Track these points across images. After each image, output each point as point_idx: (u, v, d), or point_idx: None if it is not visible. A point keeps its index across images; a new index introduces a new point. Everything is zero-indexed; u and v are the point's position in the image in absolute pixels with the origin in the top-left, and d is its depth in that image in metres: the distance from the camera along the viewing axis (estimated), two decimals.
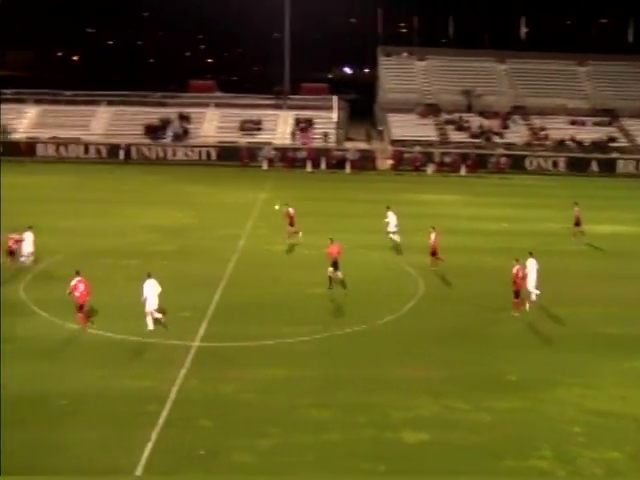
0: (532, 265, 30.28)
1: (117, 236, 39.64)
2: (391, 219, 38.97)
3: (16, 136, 70.46)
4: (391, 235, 38.86)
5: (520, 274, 29.40)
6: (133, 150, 68.04)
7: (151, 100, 76.04)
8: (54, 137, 69.70)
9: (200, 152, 68.03)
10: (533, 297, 30.32)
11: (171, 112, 72.77)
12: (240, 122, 71.73)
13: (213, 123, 72.53)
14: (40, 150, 68.79)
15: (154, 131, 70.48)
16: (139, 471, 18.36)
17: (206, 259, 36.38)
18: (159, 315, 27.65)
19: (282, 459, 19.15)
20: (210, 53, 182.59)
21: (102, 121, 73.20)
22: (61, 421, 20.76)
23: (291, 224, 38.95)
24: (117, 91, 76.37)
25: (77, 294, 27.24)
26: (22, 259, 34.28)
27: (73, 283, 27.41)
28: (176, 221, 44.12)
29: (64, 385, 22.81)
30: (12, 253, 34.02)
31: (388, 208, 39.49)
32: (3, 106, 74.29)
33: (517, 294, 29.54)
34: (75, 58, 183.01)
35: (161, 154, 68.21)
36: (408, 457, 19.39)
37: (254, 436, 20.08)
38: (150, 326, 27.44)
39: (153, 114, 72.64)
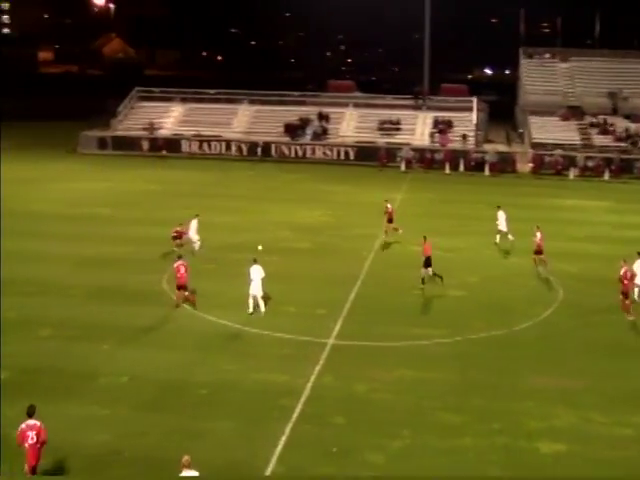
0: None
1: (254, 232, 40.40)
2: (500, 219, 38.69)
3: (162, 132, 73.03)
4: (498, 235, 38.75)
5: (628, 275, 28.74)
6: (272, 148, 69.25)
7: (291, 99, 77.17)
8: (198, 134, 71.80)
9: (338, 151, 68.50)
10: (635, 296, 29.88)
11: (310, 111, 73.59)
12: (378, 122, 71.77)
13: (352, 123, 72.88)
14: (184, 147, 71.02)
15: (293, 130, 71.49)
16: (272, 464, 18.69)
17: (342, 257, 36.60)
18: (262, 303, 28.58)
19: (412, 461, 19.05)
20: (350, 53, 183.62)
21: (243, 119, 74.86)
22: (200, 410, 21.38)
23: (390, 220, 38.99)
24: (258, 90, 77.96)
25: (179, 275, 28.92)
26: (193, 245, 36.47)
27: (175, 265, 29.15)
28: (313, 219, 44.63)
29: (203, 375, 23.51)
30: (178, 238, 36.01)
31: (498, 208, 39.05)
32: (151, 104, 77.42)
33: (625, 295, 28.71)
34: (219, 58, 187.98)
35: (300, 153, 69.13)
36: (542, 467, 18.90)
37: (386, 436, 20.06)
38: (250, 309, 28.50)
39: (293, 113, 73.70)
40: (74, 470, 18.38)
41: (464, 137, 68.52)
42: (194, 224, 36.50)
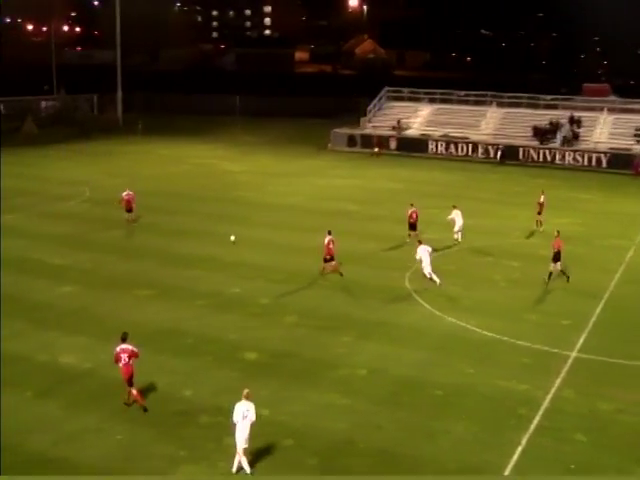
0: None
1: (498, 236, 39.78)
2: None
3: (410, 132, 73.70)
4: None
5: None
6: (520, 152, 67.69)
7: (541, 103, 74.99)
8: (444, 135, 71.72)
9: (590, 158, 65.61)
10: None
11: (562, 115, 71.12)
12: (635, 128, 67.98)
13: (605, 128, 69.59)
14: (431, 147, 71.20)
15: (543, 134, 69.43)
16: (507, 472, 18.28)
17: (589, 268, 35.04)
18: (436, 279, 31.22)
19: None
20: (605, 56, 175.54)
21: (491, 122, 73.81)
22: (436, 410, 21.36)
23: (539, 212, 40.64)
24: (507, 92, 76.50)
25: (328, 249, 31.92)
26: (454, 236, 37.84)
27: (326, 241, 31.98)
28: (560, 227, 42.93)
29: (441, 375, 23.45)
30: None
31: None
32: (399, 103, 78.33)
33: None
34: (468, 59, 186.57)
35: (549, 157, 67.02)
36: None
37: (630, 462, 18.97)
38: (436, 279, 31.20)
39: (542, 117, 71.58)
40: (309, 453, 19.00)
41: None
42: (457, 214, 37.92)
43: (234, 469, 18.23)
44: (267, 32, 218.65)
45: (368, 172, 60.25)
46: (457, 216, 38.01)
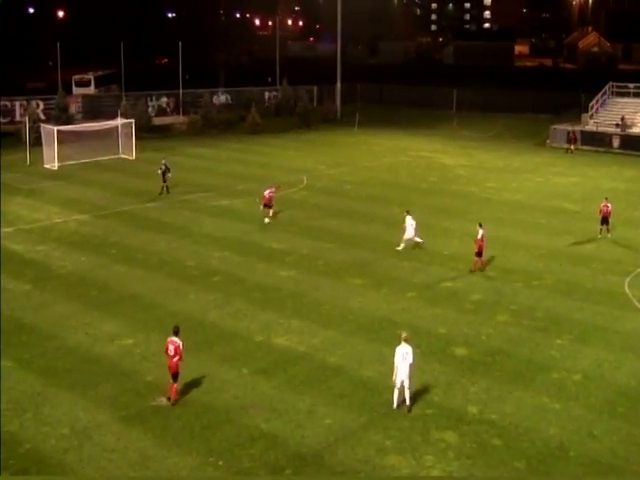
0: None
1: None
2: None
3: (635, 130, 69.99)
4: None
5: None
6: None
7: None
8: None
9: None
10: None
11: None
12: None
13: None
14: None
15: None
16: None
17: None
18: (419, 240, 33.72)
19: None
20: None
21: None
22: None
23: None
24: None
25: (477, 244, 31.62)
26: None
27: (479, 236, 31.60)
28: None
29: None
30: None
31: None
32: (625, 99, 74.51)
33: None
34: None
35: None
36: None
37: None
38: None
39: None
40: (517, 455, 18.61)
41: None
42: None
43: (395, 404, 20.39)
44: (486, 25, 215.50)
45: (589, 170, 57.79)
46: None
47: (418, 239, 35.03)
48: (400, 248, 34.76)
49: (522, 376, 22.82)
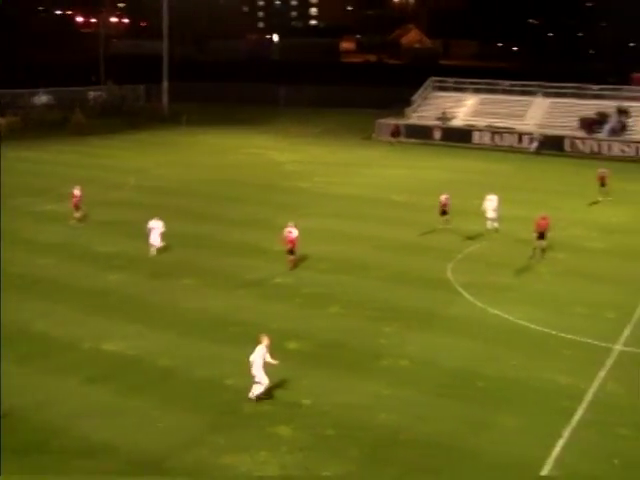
0: None
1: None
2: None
3: (455, 122, 73.14)
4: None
5: None
6: (566, 142, 66.82)
7: (589, 93, 73.75)
8: (490, 125, 71.02)
9: (638, 148, 64.58)
10: None
11: (609, 105, 69.95)
12: None
13: None
14: (475, 138, 70.60)
15: (590, 124, 68.37)
16: (549, 465, 18.10)
17: (636, 260, 34.51)
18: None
19: None
20: None
21: (537, 112, 72.88)
22: (480, 403, 21.15)
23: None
24: (554, 82, 75.38)
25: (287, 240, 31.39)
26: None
27: (286, 232, 31.23)
28: (608, 218, 42.42)
29: (485, 368, 23.25)
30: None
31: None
32: (445, 94, 77.74)
33: None
34: (515, 49, 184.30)
35: (595, 148, 66.05)
36: None
37: None
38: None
39: (589, 107, 70.48)
40: (351, 443, 19.00)
41: None
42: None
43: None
44: (313, 22, 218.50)
45: (414, 162, 59.96)
46: (490, 201, 37.80)
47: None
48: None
49: (354, 366, 23.28)
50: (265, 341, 20.69)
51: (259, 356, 20.48)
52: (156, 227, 33.16)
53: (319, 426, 19.73)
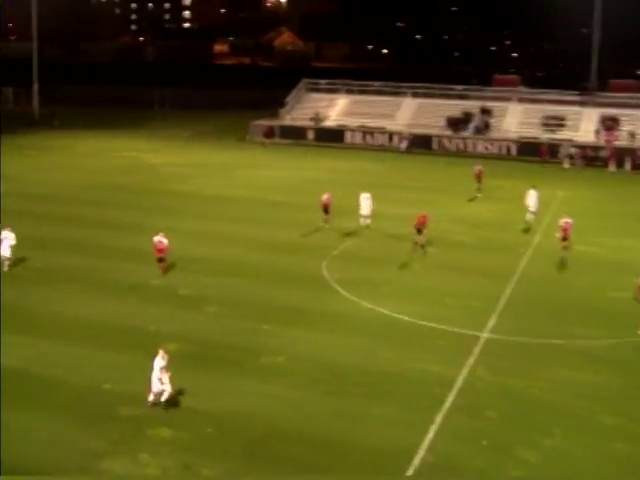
0: None
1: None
2: (531, 199, 40.09)
3: (328, 123, 73.93)
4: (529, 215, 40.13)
5: None
6: (434, 141, 68.74)
7: (454, 93, 76.05)
8: (361, 125, 72.20)
9: (500, 146, 67.11)
10: None
11: (473, 105, 72.42)
12: (542, 118, 69.71)
13: (515, 118, 71.10)
14: (347, 137, 71.62)
15: (456, 123, 70.58)
16: (422, 451, 18.65)
17: (500, 252, 35.95)
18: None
19: (563, 461, 18.57)
20: (516, 48, 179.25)
21: (407, 112, 74.58)
22: (358, 395, 21.56)
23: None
24: (422, 83, 77.35)
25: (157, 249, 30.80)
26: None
27: (155, 240, 30.66)
28: (476, 213, 43.92)
29: (362, 361, 23.73)
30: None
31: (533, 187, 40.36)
32: (318, 95, 78.44)
33: None
34: (384, 51, 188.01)
35: (461, 146, 68.24)
36: None
37: (538, 434, 19.61)
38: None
39: (455, 107, 72.73)
40: (232, 441, 19.04)
41: (632, 135, 65.44)
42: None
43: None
44: (186, 24, 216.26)
45: (289, 163, 60.31)
46: (365, 200, 38.52)
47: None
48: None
49: (233, 365, 23.28)
50: (163, 353, 20.36)
51: (158, 366, 20.16)
52: (7, 238, 31.53)
53: (199, 425, 19.67)
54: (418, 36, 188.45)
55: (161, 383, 20.09)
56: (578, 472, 18.17)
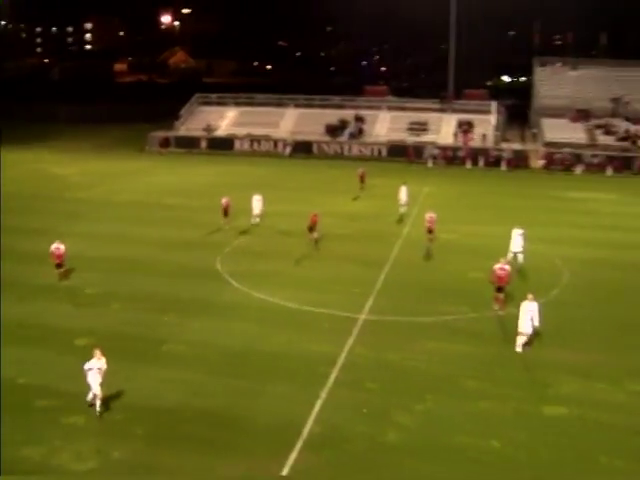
0: None
1: (301, 218, 40.22)
2: (402, 194, 41.77)
3: (218, 133, 73.25)
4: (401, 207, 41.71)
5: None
6: (314, 146, 69.09)
7: (331, 103, 76.72)
8: (249, 134, 71.85)
9: (372, 149, 68.11)
10: None
11: (348, 114, 73.22)
12: (408, 123, 71.14)
13: (384, 124, 72.31)
14: (237, 145, 71.18)
15: (333, 130, 71.18)
16: (310, 423, 18.65)
17: (375, 242, 36.37)
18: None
19: (434, 421, 18.96)
20: (384, 63, 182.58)
21: (289, 121, 74.68)
22: (254, 375, 21.43)
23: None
24: (303, 95, 77.65)
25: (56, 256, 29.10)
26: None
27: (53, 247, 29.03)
28: (353, 208, 44.36)
29: (257, 345, 23.56)
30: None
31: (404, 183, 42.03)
32: (209, 108, 77.63)
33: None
34: (268, 67, 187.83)
35: (338, 150, 68.88)
36: (544, 428, 18.71)
37: (412, 400, 19.94)
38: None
39: (333, 115, 73.35)
40: (137, 424, 18.58)
41: (484, 136, 67.69)
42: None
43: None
44: (88, 47, 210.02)
45: (185, 169, 59.43)
46: (257, 201, 38.58)
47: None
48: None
49: (138, 354, 22.68)
50: (99, 354, 19.33)
51: (93, 367, 19.13)
52: None
53: (109, 412, 19.08)
54: (298, 53, 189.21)
55: (96, 384, 19.15)
56: (448, 430, 18.57)
